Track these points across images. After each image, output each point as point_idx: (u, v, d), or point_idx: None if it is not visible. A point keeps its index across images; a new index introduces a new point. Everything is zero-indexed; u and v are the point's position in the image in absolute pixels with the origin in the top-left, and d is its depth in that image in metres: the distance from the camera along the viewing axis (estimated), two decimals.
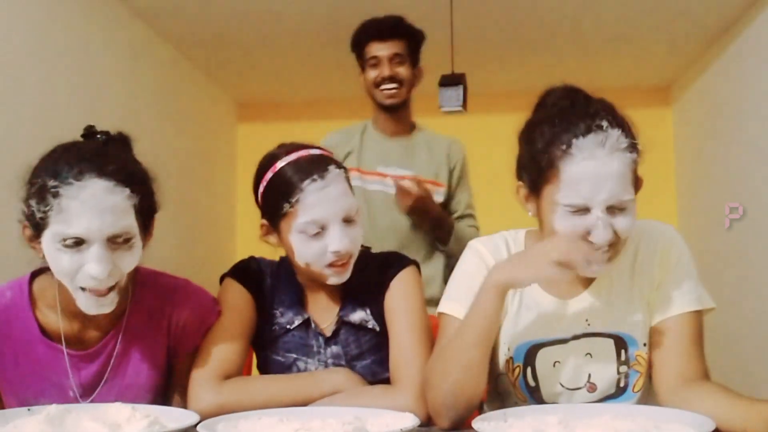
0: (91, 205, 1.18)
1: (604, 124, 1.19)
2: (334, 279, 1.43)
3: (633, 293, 1.33)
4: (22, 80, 2.97)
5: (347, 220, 1.40)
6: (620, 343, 1.31)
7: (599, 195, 1.18)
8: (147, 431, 1.10)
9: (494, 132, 3.22)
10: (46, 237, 1.21)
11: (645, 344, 1.31)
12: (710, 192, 4.64)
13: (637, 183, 1.27)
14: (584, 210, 1.20)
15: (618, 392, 1.32)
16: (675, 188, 5.32)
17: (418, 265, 1.53)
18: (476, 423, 1.08)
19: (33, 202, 1.21)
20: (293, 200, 1.37)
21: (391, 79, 2.41)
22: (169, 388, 1.43)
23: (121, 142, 1.36)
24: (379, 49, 2.42)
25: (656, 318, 1.31)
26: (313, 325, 1.47)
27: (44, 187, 1.20)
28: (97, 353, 1.35)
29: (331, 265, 1.40)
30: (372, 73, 2.43)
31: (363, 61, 2.47)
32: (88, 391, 1.35)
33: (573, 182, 1.19)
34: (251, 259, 1.55)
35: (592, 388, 1.32)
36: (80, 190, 1.18)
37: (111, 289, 1.24)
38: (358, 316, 1.46)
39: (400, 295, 1.46)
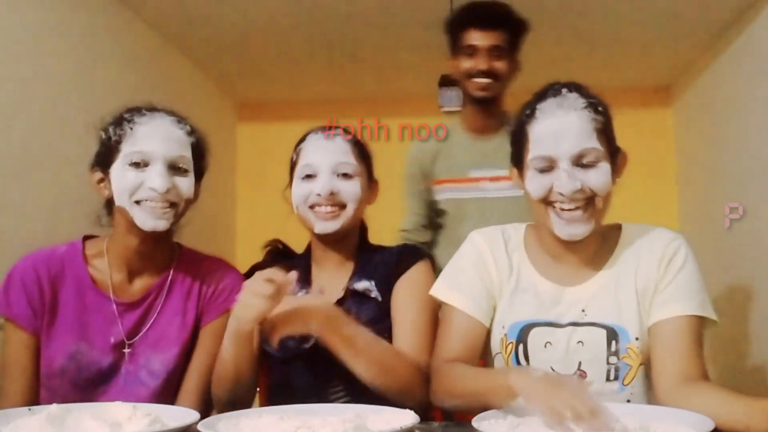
0: (159, 131, 1.43)
1: (564, 90, 1.33)
2: (320, 226, 1.54)
3: (633, 290, 1.36)
4: (24, 81, 2.98)
5: (339, 173, 1.54)
6: (612, 335, 1.33)
7: (561, 146, 1.28)
8: (148, 430, 1.11)
9: None
10: (116, 164, 1.42)
11: (637, 338, 1.33)
12: (710, 192, 4.65)
13: (613, 150, 1.34)
14: (550, 166, 1.30)
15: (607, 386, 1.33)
16: (675, 188, 5.32)
17: (432, 260, 1.62)
18: (476, 421, 1.08)
19: (111, 128, 1.45)
20: (297, 149, 1.63)
21: (487, 72, 2.20)
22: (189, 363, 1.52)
23: None
24: (478, 39, 2.20)
25: (656, 317, 1.33)
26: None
27: (122, 118, 1.46)
28: (139, 303, 1.50)
29: (312, 207, 1.54)
30: (466, 63, 2.23)
31: (457, 47, 2.26)
32: (129, 338, 1.48)
33: (538, 140, 1.31)
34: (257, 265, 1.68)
35: (582, 375, 1.34)
36: (150, 119, 1.45)
37: (171, 205, 1.44)
38: (362, 285, 1.55)
39: (410, 286, 1.54)
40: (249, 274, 1.64)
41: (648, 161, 5.21)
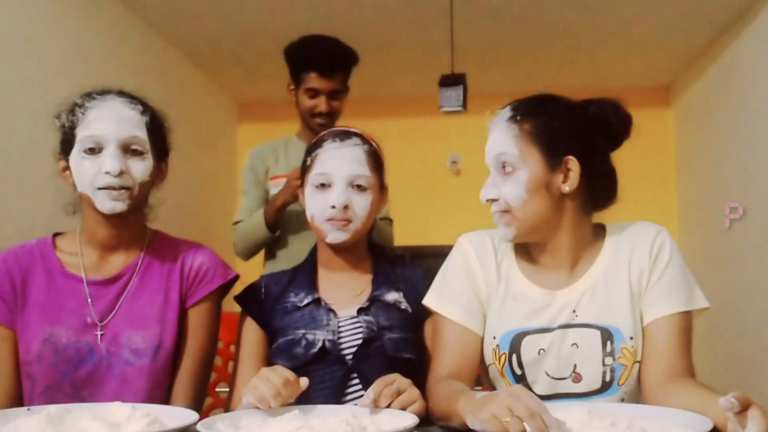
0: (110, 113, 1.44)
1: (505, 109, 1.41)
2: (333, 235, 1.54)
3: (625, 289, 1.36)
4: (24, 81, 2.98)
5: (354, 185, 1.54)
6: (606, 335, 1.33)
7: (488, 155, 1.40)
8: (147, 430, 1.10)
9: None
10: (74, 153, 1.44)
11: (632, 337, 1.33)
12: (710, 192, 4.65)
13: (553, 159, 1.35)
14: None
15: (604, 387, 1.33)
16: (675, 188, 5.32)
17: None
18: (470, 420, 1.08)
19: (64, 115, 1.48)
20: (312, 155, 1.58)
21: (328, 113, 2.46)
22: (180, 347, 1.52)
23: None
24: (320, 83, 2.44)
25: (647, 319, 1.34)
26: (323, 303, 1.55)
27: (74, 104, 1.48)
28: (113, 280, 1.50)
29: (329, 220, 1.53)
30: (308, 102, 2.46)
31: (298, 80, 2.49)
32: (104, 318, 1.48)
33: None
34: (255, 284, 1.63)
35: (577, 378, 1.34)
36: (101, 102, 1.46)
37: (124, 189, 1.43)
38: (392, 296, 1.56)
39: None
40: (245, 294, 1.62)
41: (648, 161, 5.21)
